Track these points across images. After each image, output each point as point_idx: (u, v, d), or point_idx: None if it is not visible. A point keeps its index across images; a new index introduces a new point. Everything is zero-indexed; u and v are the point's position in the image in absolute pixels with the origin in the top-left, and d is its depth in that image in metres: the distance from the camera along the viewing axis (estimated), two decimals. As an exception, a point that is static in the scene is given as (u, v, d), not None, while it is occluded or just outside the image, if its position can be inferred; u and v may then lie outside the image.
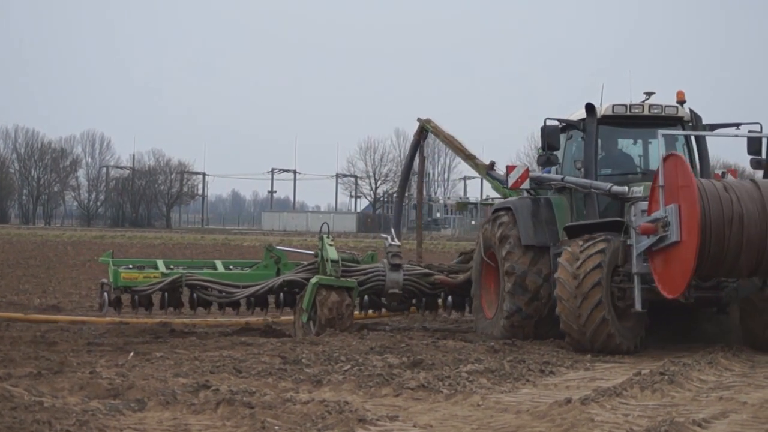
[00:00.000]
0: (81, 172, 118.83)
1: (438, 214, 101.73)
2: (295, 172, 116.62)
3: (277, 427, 8.38)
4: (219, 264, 17.95)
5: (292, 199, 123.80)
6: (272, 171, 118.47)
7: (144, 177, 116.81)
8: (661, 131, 14.12)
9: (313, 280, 16.29)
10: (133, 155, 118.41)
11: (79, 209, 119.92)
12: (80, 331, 16.61)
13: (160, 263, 17.74)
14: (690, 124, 15.64)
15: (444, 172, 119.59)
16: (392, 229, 18.43)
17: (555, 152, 15.48)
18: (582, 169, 15.52)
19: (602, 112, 15.51)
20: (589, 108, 15.53)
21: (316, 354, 13.22)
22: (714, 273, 13.76)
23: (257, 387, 10.48)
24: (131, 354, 13.41)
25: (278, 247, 18.20)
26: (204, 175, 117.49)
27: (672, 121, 15.60)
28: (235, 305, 17.13)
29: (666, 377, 11.30)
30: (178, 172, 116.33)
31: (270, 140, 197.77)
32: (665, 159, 13.55)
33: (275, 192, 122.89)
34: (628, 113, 15.51)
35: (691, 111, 15.58)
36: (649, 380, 11.13)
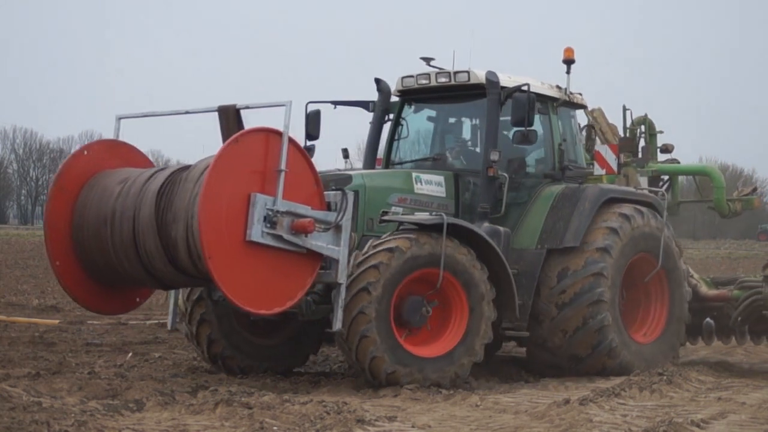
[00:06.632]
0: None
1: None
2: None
3: (275, 428, 8.37)
4: None
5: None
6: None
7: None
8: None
9: None
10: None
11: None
12: (79, 331, 16.61)
13: None
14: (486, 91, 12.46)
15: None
16: None
17: (314, 142, 13.01)
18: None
19: (395, 88, 13.26)
20: (378, 84, 13.49)
21: (315, 354, 13.21)
22: (117, 279, 10.81)
23: (256, 387, 10.48)
24: (129, 354, 13.42)
25: None
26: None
27: (470, 89, 12.69)
28: None
29: (664, 377, 11.31)
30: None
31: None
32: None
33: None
34: (416, 85, 12.99)
35: (488, 75, 12.48)
36: (647, 381, 11.13)
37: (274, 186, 9.91)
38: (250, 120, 10.34)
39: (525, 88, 12.01)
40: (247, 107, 10.50)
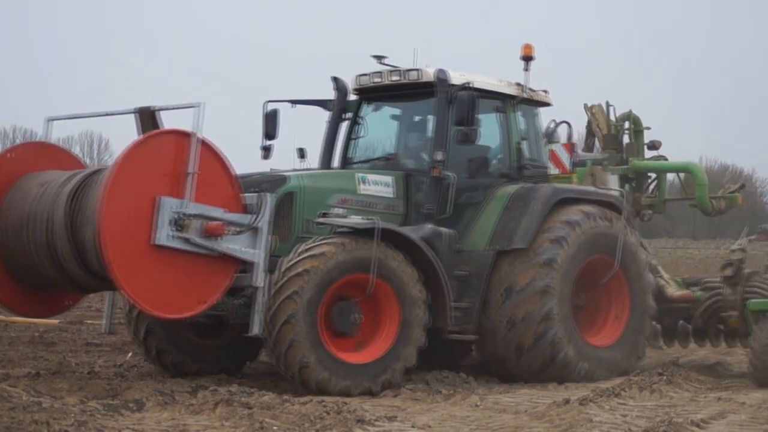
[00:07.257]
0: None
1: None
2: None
3: (275, 428, 8.37)
4: None
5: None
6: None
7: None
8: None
9: None
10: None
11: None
12: (79, 331, 16.60)
13: None
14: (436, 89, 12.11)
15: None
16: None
17: (272, 142, 12.77)
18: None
19: (352, 87, 12.98)
20: (335, 82, 13.14)
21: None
22: (40, 283, 10.53)
23: (256, 387, 10.47)
24: (129, 354, 13.41)
25: None
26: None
27: (422, 87, 12.28)
28: None
29: (664, 377, 11.31)
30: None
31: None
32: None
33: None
34: (371, 84, 12.68)
35: (438, 73, 12.11)
36: (647, 381, 11.13)
37: (184, 189, 9.69)
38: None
39: (469, 85, 11.73)
40: (164, 108, 10.32)
